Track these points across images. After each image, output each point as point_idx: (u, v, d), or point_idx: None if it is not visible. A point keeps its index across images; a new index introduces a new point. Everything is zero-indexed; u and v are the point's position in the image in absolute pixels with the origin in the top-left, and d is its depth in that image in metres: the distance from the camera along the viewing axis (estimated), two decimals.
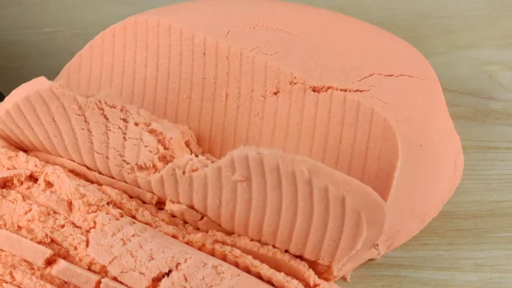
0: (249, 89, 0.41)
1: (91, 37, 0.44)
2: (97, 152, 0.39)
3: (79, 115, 0.38)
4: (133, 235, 0.35)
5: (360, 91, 0.39)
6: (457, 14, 0.53)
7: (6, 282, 0.35)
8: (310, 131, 0.40)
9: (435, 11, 0.54)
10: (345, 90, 0.39)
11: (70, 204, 0.38)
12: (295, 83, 0.40)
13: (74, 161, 0.40)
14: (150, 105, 0.42)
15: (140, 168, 0.39)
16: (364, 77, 0.40)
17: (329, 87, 0.39)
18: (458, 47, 0.52)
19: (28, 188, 0.39)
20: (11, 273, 0.35)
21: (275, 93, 0.40)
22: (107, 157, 0.39)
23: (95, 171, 0.40)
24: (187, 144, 0.41)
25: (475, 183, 0.46)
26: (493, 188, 0.46)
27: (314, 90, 0.40)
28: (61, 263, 0.34)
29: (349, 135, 0.39)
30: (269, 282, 0.36)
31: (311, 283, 0.37)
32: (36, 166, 0.40)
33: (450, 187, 0.42)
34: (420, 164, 0.39)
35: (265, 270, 0.36)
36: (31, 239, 0.36)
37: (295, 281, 0.36)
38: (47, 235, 0.36)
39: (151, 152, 0.38)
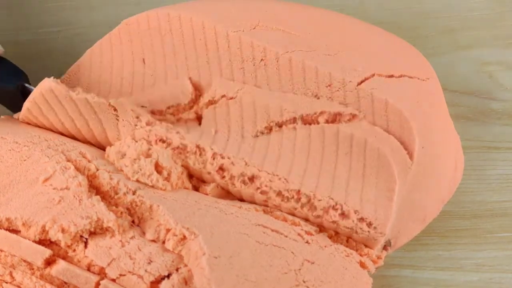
0: (240, 127, 0.40)
1: (91, 37, 0.44)
2: None
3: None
4: (132, 237, 0.35)
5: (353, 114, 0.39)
6: (458, 14, 0.53)
7: (6, 282, 0.35)
8: (304, 155, 0.39)
9: (435, 11, 0.53)
10: (340, 114, 0.39)
11: None
12: (286, 114, 0.40)
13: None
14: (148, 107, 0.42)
15: None
16: (365, 78, 0.40)
17: (322, 112, 0.39)
18: (459, 47, 0.52)
19: None
20: (11, 273, 0.35)
21: (266, 128, 0.40)
22: None
23: None
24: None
25: (475, 183, 0.46)
26: (493, 188, 0.46)
27: (305, 122, 0.39)
28: (61, 264, 0.34)
29: (345, 162, 0.39)
30: None
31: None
32: None
33: (450, 187, 0.42)
34: (420, 165, 0.39)
35: None
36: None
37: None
38: None
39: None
